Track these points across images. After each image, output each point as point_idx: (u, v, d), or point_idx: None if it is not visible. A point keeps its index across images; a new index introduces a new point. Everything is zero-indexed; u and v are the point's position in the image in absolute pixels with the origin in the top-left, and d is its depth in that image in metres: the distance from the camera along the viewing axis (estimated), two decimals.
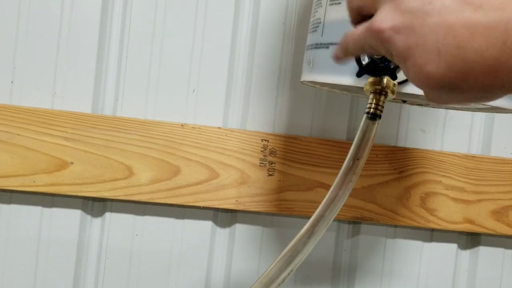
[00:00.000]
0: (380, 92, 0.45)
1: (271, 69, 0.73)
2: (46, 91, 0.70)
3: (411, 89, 0.48)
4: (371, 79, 0.45)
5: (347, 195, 0.45)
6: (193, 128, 0.70)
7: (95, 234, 0.72)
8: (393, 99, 0.57)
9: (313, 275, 0.76)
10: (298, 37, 0.73)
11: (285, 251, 0.46)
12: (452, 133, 0.76)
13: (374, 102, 0.45)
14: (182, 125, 0.70)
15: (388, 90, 0.45)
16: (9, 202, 0.71)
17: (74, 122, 0.69)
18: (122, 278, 0.73)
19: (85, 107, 0.71)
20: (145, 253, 0.73)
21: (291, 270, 0.46)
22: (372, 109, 0.45)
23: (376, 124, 0.45)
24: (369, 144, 0.45)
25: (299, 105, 0.73)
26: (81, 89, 0.71)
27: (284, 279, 0.46)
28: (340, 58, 0.42)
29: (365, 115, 0.45)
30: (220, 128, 0.71)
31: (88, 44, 0.70)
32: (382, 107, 0.45)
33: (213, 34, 0.72)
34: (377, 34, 0.35)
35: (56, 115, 0.69)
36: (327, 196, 0.45)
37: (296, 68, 0.73)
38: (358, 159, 0.45)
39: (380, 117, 0.45)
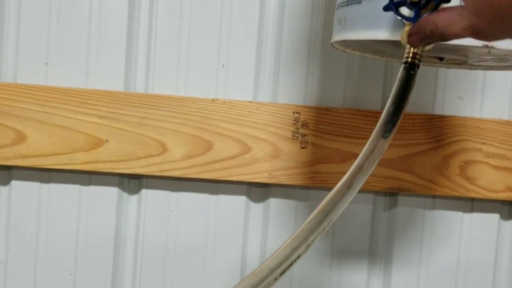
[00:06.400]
0: None
1: (300, 40, 0.72)
2: (80, 71, 0.72)
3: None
4: (407, 27, 0.43)
5: (386, 147, 0.44)
6: (224, 103, 0.70)
7: (132, 211, 0.74)
8: (429, 56, 0.55)
9: (350, 249, 0.74)
10: (327, 7, 0.71)
11: (323, 202, 0.44)
12: (491, 99, 0.73)
13: (412, 51, 0.43)
14: (213, 100, 0.70)
15: None
16: (48, 181, 0.73)
17: (108, 100, 0.70)
18: (159, 253, 0.74)
19: (117, 86, 0.72)
20: (181, 228, 0.73)
21: (330, 221, 0.45)
22: (410, 59, 0.43)
23: (415, 75, 0.43)
24: (409, 95, 0.43)
25: (331, 76, 0.72)
26: (113, 68, 0.72)
27: (320, 233, 0.45)
28: None
29: (402, 65, 0.43)
30: (251, 102, 0.70)
31: (118, 23, 0.71)
32: (421, 56, 0.43)
33: (241, 8, 0.71)
34: None
35: (91, 94, 0.70)
36: (365, 147, 0.44)
37: (326, 39, 0.71)
38: (397, 109, 0.43)
39: (418, 66, 0.43)
